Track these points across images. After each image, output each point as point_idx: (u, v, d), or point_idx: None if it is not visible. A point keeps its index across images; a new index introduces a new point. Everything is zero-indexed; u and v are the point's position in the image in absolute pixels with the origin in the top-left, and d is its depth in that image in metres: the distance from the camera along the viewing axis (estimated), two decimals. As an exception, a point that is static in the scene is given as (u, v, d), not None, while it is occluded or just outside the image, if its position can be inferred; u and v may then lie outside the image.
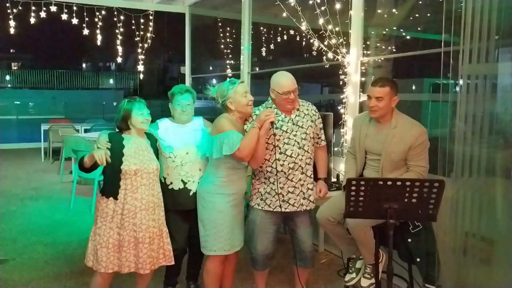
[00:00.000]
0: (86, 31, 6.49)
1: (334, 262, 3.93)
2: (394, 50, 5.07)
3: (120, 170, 2.66)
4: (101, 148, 2.60)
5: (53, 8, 6.02)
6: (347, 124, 3.94)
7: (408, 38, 5.55)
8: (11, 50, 34.36)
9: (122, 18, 6.68)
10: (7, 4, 5.96)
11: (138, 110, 2.72)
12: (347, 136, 3.93)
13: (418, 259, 2.65)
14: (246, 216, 3.05)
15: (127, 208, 2.66)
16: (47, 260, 3.90)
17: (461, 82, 2.64)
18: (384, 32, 5.15)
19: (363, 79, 3.96)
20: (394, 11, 5.14)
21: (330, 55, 4.02)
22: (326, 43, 4.03)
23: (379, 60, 4.51)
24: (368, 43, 4.32)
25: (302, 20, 4.20)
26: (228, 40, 7.11)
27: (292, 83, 2.74)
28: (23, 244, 4.26)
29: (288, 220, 2.94)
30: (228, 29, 7.15)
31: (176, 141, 2.94)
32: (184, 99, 2.96)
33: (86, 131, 9.28)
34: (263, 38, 7.16)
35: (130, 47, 7.79)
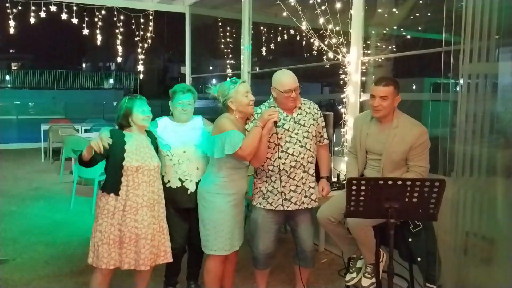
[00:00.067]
0: (86, 31, 6.49)
1: (335, 262, 3.93)
2: (395, 50, 5.07)
3: (121, 166, 2.67)
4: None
5: (53, 8, 6.02)
6: (348, 123, 3.94)
7: (409, 37, 5.55)
8: (11, 50, 34.40)
9: (122, 18, 6.67)
10: (7, 4, 5.96)
11: (139, 107, 2.74)
12: (347, 136, 3.93)
13: (418, 259, 2.65)
14: (246, 216, 3.05)
15: (128, 205, 2.67)
16: (47, 260, 3.90)
17: (461, 81, 2.64)
18: (385, 32, 5.14)
19: (364, 78, 3.96)
20: (395, 10, 5.14)
21: (331, 54, 4.01)
22: (326, 42, 4.03)
23: (380, 60, 4.51)
24: (368, 42, 4.31)
25: (303, 20, 4.20)
26: (228, 39, 7.10)
27: (293, 81, 2.73)
28: (24, 244, 4.26)
29: (289, 219, 2.94)
30: (228, 28, 7.14)
31: (174, 139, 2.95)
32: (186, 98, 2.97)
33: (86, 131, 9.28)
34: (263, 37, 7.16)
35: (130, 47, 7.78)
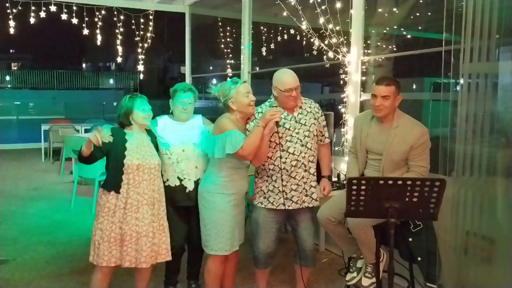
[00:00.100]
0: (86, 31, 6.49)
1: (335, 262, 3.93)
2: (395, 49, 5.07)
3: (123, 164, 2.68)
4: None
5: (52, 8, 6.02)
6: (348, 123, 3.94)
7: (409, 37, 5.54)
8: (11, 50, 34.38)
9: (122, 18, 6.67)
10: (7, 4, 5.96)
11: (140, 106, 2.75)
12: (347, 136, 3.93)
13: (419, 258, 2.64)
14: (247, 216, 3.05)
15: (129, 203, 2.68)
16: (47, 260, 3.90)
17: (461, 81, 2.64)
18: (385, 31, 5.14)
19: (364, 78, 3.95)
20: (395, 10, 5.14)
21: (331, 54, 4.01)
22: (326, 42, 4.03)
23: (380, 59, 4.51)
24: (368, 42, 4.31)
25: (303, 20, 4.20)
26: (228, 39, 7.11)
27: (294, 80, 2.73)
28: (24, 244, 4.26)
29: (290, 219, 2.94)
30: (228, 28, 7.14)
31: (173, 138, 2.95)
32: (186, 97, 2.97)
33: (87, 131, 9.28)
34: (264, 37, 7.16)
35: (130, 47, 7.78)
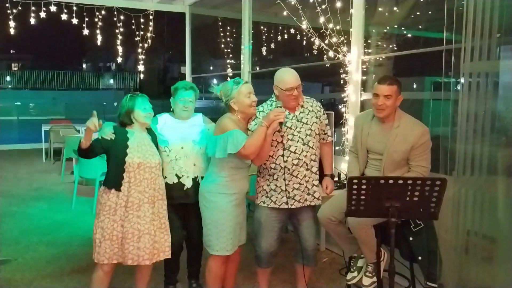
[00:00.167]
0: (86, 31, 6.49)
1: (336, 261, 3.93)
2: (395, 49, 5.06)
3: (124, 162, 2.68)
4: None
5: (53, 8, 6.02)
6: (348, 123, 3.94)
7: (410, 36, 5.54)
8: (11, 51, 34.40)
9: (122, 18, 6.67)
10: (7, 5, 5.96)
11: (141, 105, 2.77)
12: (348, 135, 3.93)
13: (419, 258, 2.64)
14: (247, 216, 3.04)
15: (131, 201, 2.68)
16: (48, 260, 3.91)
17: (462, 80, 2.63)
18: (385, 31, 5.14)
19: (364, 77, 3.95)
20: (395, 9, 5.13)
21: (331, 53, 4.01)
22: (327, 41, 4.03)
23: (380, 59, 4.51)
24: (369, 41, 4.31)
25: (303, 19, 4.20)
26: (228, 39, 7.11)
27: (295, 79, 2.72)
28: (25, 244, 4.26)
29: (292, 218, 2.93)
30: (228, 28, 7.14)
31: (172, 135, 2.95)
32: (187, 96, 2.97)
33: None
34: (264, 37, 7.16)
35: (130, 47, 7.78)
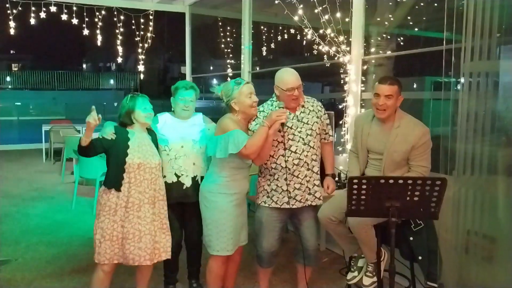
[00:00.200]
0: (86, 31, 6.49)
1: (336, 261, 3.92)
2: (395, 49, 5.06)
3: (124, 162, 2.68)
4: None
5: (53, 9, 6.02)
6: (348, 123, 3.94)
7: (410, 36, 5.54)
8: (11, 51, 34.39)
9: (122, 18, 6.68)
10: (7, 5, 5.96)
11: (141, 105, 2.77)
12: (348, 135, 3.93)
13: (420, 257, 2.64)
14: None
15: (131, 201, 2.68)
16: (49, 260, 3.91)
17: (462, 80, 2.63)
18: (386, 30, 5.14)
19: (363, 78, 3.95)
20: (396, 9, 5.13)
21: (331, 53, 4.01)
22: (327, 41, 4.03)
23: (381, 59, 4.51)
24: (371, 41, 4.31)
25: (303, 19, 4.20)
26: (228, 39, 7.11)
27: (296, 79, 2.72)
28: (25, 245, 4.26)
29: (293, 218, 2.93)
30: (228, 28, 7.14)
31: (172, 134, 2.95)
32: (188, 95, 2.97)
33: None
34: (264, 37, 7.16)
35: (130, 47, 7.79)
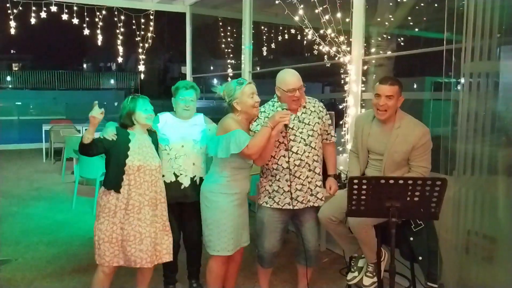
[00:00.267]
0: (86, 31, 6.49)
1: (336, 261, 3.92)
2: (396, 49, 5.07)
3: (124, 163, 2.68)
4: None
5: (53, 8, 6.02)
6: (349, 123, 3.94)
7: (410, 36, 5.54)
8: (11, 51, 34.39)
9: (123, 18, 6.68)
10: (7, 5, 5.96)
11: (142, 106, 2.77)
12: (348, 136, 3.93)
13: (420, 258, 2.64)
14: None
15: (131, 204, 2.68)
16: (49, 260, 3.91)
17: (463, 80, 2.63)
18: (386, 31, 5.14)
19: (364, 78, 3.95)
20: (396, 9, 5.14)
21: (332, 53, 4.01)
22: (327, 42, 4.03)
23: (381, 59, 4.51)
24: (371, 41, 4.31)
25: (304, 19, 4.20)
26: (229, 39, 7.11)
27: (297, 80, 2.72)
28: (25, 244, 4.26)
29: (294, 218, 2.93)
30: (229, 28, 7.15)
31: (173, 134, 2.95)
32: (188, 95, 2.97)
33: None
34: (264, 37, 7.16)
35: (130, 47, 7.79)
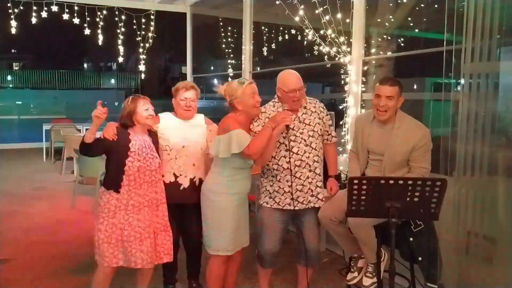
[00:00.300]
0: (87, 31, 6.50)
1: (336, 261, 3.93)
2: (396, 50, 5.07)
3: (124, 164, 2.68)
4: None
5: (54, 8, 6.03)
6: (349, 123, 3.94)
7: (410, 37, 5.55)
8: (12, 50, 34.38)
9: (123, 18, 6.69)
10: (8, 4, 5.97)
11: (143, 106, 2.76)
12: (348, 136, 3.93)
13: (420, 258, 2.64)
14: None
15: (131, 204, 2.68)
16: (49, 259, 3.91)
17: (462, 81, 2.63)
18: (386, 32, 5.14)
19: (364, 78, 3.96)
20: (396, 10, 5.14)
21: (332, 54, 4.01)
22: (327, 42, 4.03)
23: (381, 59, 4.51)
24: (372, 42, 4.31)
25: (304, 20, 4.20)
26: (229, 39, 7.12)
27: (298, 81, 2.72)
28: (25, 244, 4.26)
29: (295, 219, 2.93)
30: (229, 28, 7.15)
31: (174, 134, 2.95)
32: (189, 95, 2.97)
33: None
34: (265, 37, 7.17)
35: (131, 47, 7.80)
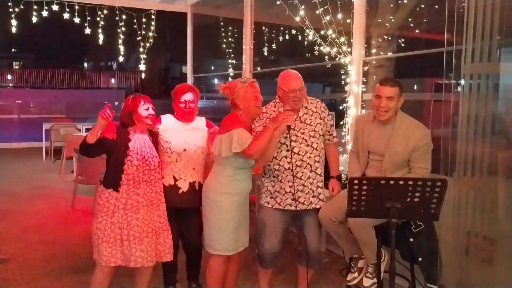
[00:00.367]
0: (87, 30, 6.51)
1: (336, 262, 3.92)
2: (396, 50, 5.07)
3: (123, 163, 2.68)
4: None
5: (54, 7, 6.04)
6: (349, 123, 3.94)
7: (410, 37, 5.55)
8: (12, 49, 34.37)
9: (124, 17, 6.70)
10: (9, 3, 5.98)
11: (143, 106, 2.76)
12: (349, 136, 3.93)
13: (420, 259, 2.64)
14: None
15: (130, 203, 2.68)
16: (48, 259, 3.91)
17: (463, 81, 2.64)
18: (386, 32, 5.14)
19: (364, 79, 3.96)
20: (397, 11, 5.14)
21: (332, 54, 4.02)
22: (328, 42, 4.03)
23: (382, 60, 4.51)
24: (372, 42, 4.32)
25: (305, 20, 4.21)
26: (230, 39, 7.13)
27: (298, 81, 2.71)
28: (25, 243, 4.26)
29: (296, 220, 2.92)
30: (230, 28, 7.16)
31: (175, 137, 2.94)
32: (188, 97, 2.96)
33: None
34: (265, 37, 7.18)
35: (131, 47, 7.81)
